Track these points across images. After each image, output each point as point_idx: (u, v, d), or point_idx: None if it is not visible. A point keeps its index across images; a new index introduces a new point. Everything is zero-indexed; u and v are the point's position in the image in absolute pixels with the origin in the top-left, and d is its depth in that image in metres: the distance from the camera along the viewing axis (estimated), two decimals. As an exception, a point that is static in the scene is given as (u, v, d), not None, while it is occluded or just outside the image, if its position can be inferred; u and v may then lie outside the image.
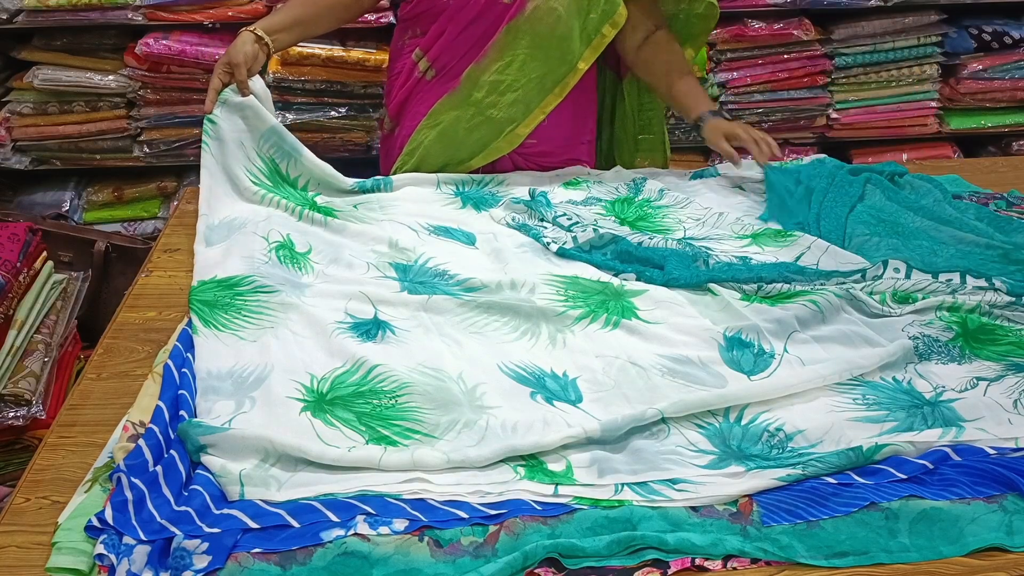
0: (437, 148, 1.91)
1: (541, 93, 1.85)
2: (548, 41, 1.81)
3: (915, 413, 1.22)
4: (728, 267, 1.52)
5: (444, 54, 1.89)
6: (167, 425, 1.14)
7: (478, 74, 1.85)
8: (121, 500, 1.03)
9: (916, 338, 1.36)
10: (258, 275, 1.47)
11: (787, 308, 1.42)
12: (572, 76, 1.84)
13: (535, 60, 1.83)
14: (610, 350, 1.34)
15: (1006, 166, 2.09)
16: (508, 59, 1.83)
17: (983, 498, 1.07)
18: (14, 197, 3.02)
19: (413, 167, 1.93)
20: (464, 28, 1.86)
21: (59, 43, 2.84)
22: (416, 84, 1.95)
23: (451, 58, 1.89)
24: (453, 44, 1.88)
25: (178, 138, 2.93)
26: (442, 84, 1.90)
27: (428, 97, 1.92)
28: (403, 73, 1.97)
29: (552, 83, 1.84)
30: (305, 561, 0.98)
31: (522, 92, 1.85)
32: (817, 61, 3.05)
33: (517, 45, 1.82)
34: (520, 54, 1.82)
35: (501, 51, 1.83)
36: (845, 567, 1.01)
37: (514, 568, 0.98)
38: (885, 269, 1.51)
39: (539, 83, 1.84)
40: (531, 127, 1.87)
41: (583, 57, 1.83)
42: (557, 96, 1.85)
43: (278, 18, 1.87)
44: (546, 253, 1.63)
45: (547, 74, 1.84)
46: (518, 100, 1.85)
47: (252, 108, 1.77)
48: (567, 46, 1.82)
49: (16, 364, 1.87)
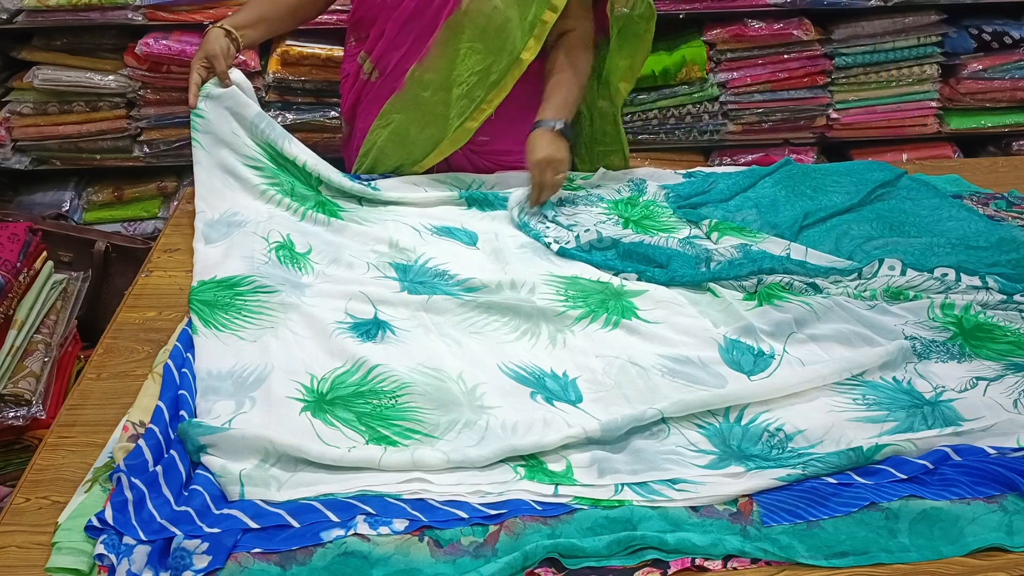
0: (390, 148, 1.91)
1: (486, 87, 1.83)
2: (488, 33, 1.80)
3: (915, 413, 1.22)
4: (730, 264, 1.52)
5: (386, 55, 1.89)
6: (167, 425, 1.14)
7: (421, 72, 1.84)
8: (121, 500, 1.03)
9: (913, 338, 1.36)
10: (258, 275, 1.47)
11: (785, 310, 1.42)
12: (516, 68, 1.81)
13: (477, 54, 1.81)
14: (610, 350, 1.34)
15: (1006, 166, 2.09)
16: (450, 55, 1.82)
17: (983, 498, 1.07)
18: (14, 197, 3.02)
19: (368, 168, 1.94)
20: (402, 27, 1.85)
21: (59, 43, 2.84)
22: (364, 86, 1.96)
23: (393, 58, 1.88)
24: (393, 44, 1.87)
25: (178, 138, 2.92)
26: (388, 84, 1.91)
27: (377, 98, 1.92)
28: (351, 76, 1.98)
29: (497, 76, 1.82)
30: (305, 561, 0.98)
31: (466, 87, 1.83)
32: (817, 61, 3.05)
33: (458, 40, 1.81)
34: (462, 48, 1.81)
35: (442, 48, 1.82)
36: (845, 567, 1.01)
37: (514, 568, 0.98)
38: (880, 266, 1.51)
39: (483, 76, 1.82)
40: (479, 121, 1.85)
41: (527, 47, 1.80)
42: (503, 89, 1.83)
43: (243, 16, 1.88)
44: (547, 253, 1.62)
45: (490, 67, 1.82)
46: (463, 95, 1.84)
47: (235, 97, 1.77)
48: (508, 37, 1.79)
49: (16, 364, 1.87)
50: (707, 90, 3.03)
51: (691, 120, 3.07)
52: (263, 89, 2.86)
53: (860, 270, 1.51)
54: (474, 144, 1.92)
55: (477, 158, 1.96)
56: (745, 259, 1.53)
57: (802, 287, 1.49)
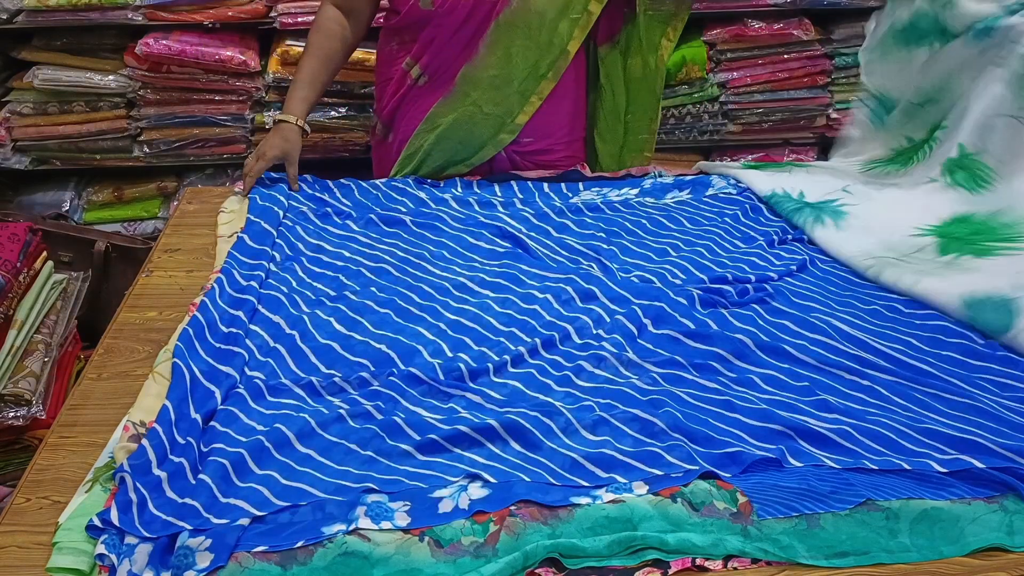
0: (437, 150, 1.92)
1: (536, 80, 1.86)
2: (538, 28, 1.83)
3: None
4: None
5: (435, 60, 1.90)
6: (171, 424, 1.14)
7: (473, 73, 1.86)
8: (125, 500, 1.03)
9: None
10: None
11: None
12: (563, 59, 1.86)
13: (528, 50, 1.84)
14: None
15: (1006, 166, 2.08)
16: (501, 53, 1.84)
17: (983, 498, 1.07)
18: (14, 197, 3.02)
19: (412, 170, 1.95)
20: (454, 33, 1.86)
21: (59, 43, 2.83)
22: (408, 90, 1.96)
23: (443, 63, 1.90)
24: (444, 49, 1.88)
25: (178, 138, 2.92)
26: (435, 88, 1.92)
27: (421, 101, 1.94)
28: (394, 80, 1.98)
29: (546, 68, 1.86)
30: (305, 561, 0.98)
31: (517, 83, 1.87)
32: (817, 61, 3.05)
33: (510, 38, 1.83)
34: (513, 46, 1.84)
35: (492, 47, 1.84)
36: (846, 567, 1.01)
37: (515, 568, 0.98)
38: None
39: (533, 71, 1.86)
40: (529, 114, 1.89)
41: (573, 37, 1.84)
42: (552, 81, 1.87)
43: (304, 94, 1.90)
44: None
45: (539, 60, 1.85)
46: (515, 92, 1.87)
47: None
48: (555, 30, 1.83)
49: (16, 364, 1.87)
50: (707, 90, 3.03)
51: (691, 120, 3.07)
52: (263, 89, 2.86)
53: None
54: (518, 145, 1.95)
55: (518, 158, 1.99)
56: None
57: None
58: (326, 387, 1.26)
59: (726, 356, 1.33)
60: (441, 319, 1.42)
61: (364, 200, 1.82)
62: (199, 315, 1.35)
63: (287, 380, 1.27)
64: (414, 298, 1.48)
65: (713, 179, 1.91)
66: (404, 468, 1.11)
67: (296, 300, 1.46)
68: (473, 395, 1.24)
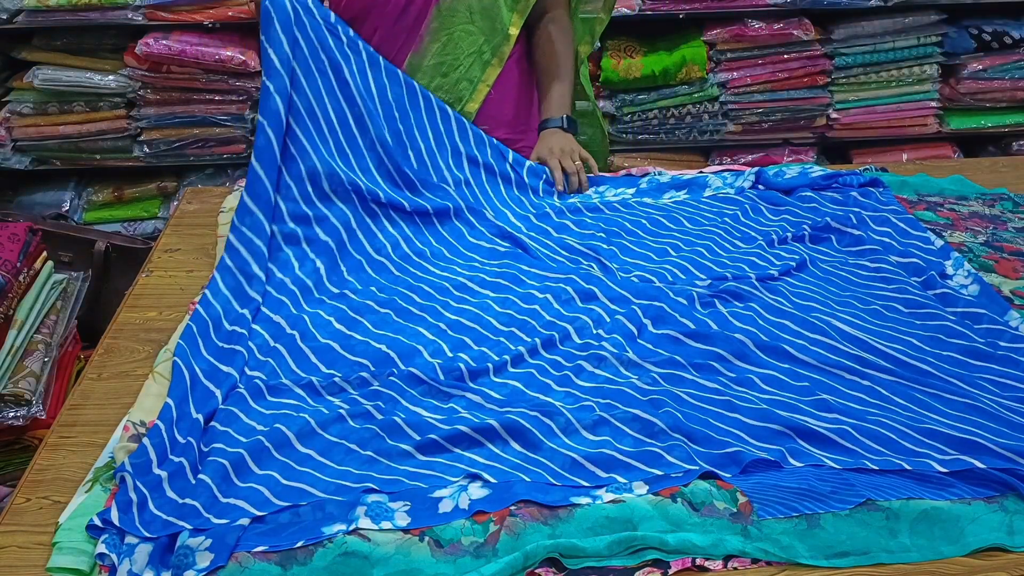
0: None
1: (482, 67, 1.87)
2: (478, 13, 1.84)
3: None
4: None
5: (380, 50, 1.90)
6: (172, 423, 1.14)
7: (419, 61, 1.87)
8: (126, 500, 1.03)
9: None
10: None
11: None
12: (506, 44, 1.87)
13: (470, 35, 1.85)
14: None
15: (1006, 166, 2.08)
16: (444, 39, 1.85)
17: (984, 498, 1.07)
18: (14, 197, 3.02)
19: None
20: (395, 21, 1.87)
21: (59, 43, 2.84)
22: None
23: (387, 53, 1.89)
24: (387, 39, 1.88)
25: (178, 138, 2.93)
26: None
27: None
28: None
29: (490, 54, 1.87)
30: (305, 561, 0.98)
31: (464, 69, 1.87)
32: (817, 61, 3.05)
33: (451, 23, 1.84)
34: (455, 32, 1.85)
35: (436, 33, 1.85)
36: (846, 567, 1.01)
37: (515, 568, 0.98)
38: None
39: (478, 56, 1.87)
40: (479, 102, 1.89)
41: (512, 22, 1.85)
42: (496, 67, 1.88)
43: None
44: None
45: (483, 45, 1.86)
46: (462, 78, 1.88)
47: None
48: (497, 14, 1.85)
49: (16, 364, 1.87)
50: (707, 90, 3.04)
51: (691, 120, 3.08)
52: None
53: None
54: None
55: None
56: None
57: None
58: (326, 387, 1.26)
59: (726, 356, 1.33)
60: (441, 319, 1.42)
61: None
62: (201, 310, 1.35)
63: (287, 380, 1.27)
64: (414, 298, 1.47)
65: (710, 179, 1.91)
66: (404, 468, 1.11)
67: (297, 299, 1.46)
68: (473, 395, 1.24)
